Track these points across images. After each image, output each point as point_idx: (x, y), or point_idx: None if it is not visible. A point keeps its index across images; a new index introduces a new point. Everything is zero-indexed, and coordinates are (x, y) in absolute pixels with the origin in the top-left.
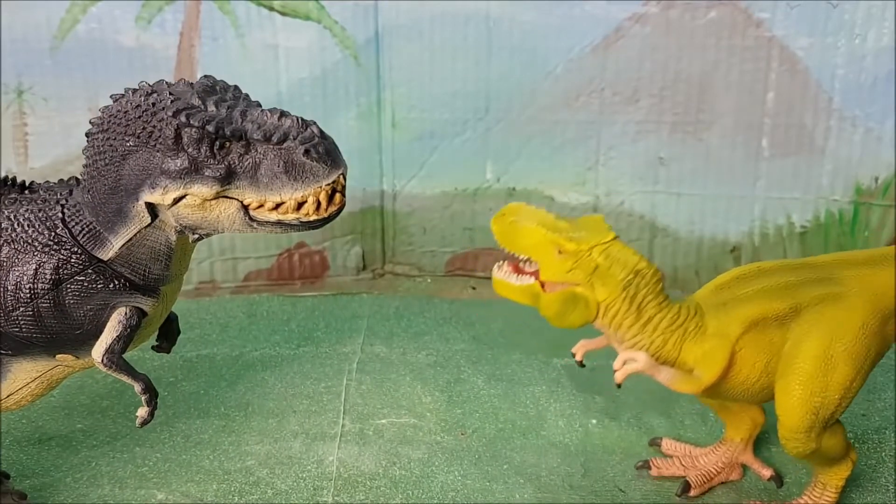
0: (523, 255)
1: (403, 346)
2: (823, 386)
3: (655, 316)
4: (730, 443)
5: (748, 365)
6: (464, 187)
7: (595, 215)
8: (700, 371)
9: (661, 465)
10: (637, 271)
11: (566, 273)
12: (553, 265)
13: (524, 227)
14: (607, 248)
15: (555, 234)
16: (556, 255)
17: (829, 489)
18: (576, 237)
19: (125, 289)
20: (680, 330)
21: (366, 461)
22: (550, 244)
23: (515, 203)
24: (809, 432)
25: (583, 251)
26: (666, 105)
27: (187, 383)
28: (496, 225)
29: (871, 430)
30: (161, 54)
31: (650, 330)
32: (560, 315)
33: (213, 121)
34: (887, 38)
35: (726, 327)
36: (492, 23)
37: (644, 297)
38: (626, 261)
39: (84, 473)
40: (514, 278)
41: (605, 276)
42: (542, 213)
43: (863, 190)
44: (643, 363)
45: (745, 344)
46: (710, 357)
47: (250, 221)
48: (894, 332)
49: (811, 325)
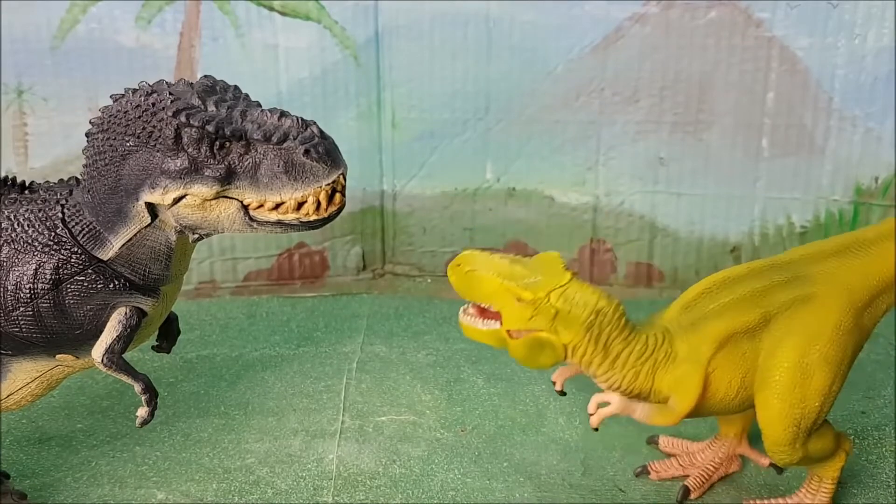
0: (485, 304)
1: (403, 345)
2: (802, 396)
3: (623, 351)
4: (724, 437)
5: (724, 384)
6: (464, 187)
7: (551, 253)
8: (674, 400)
9: (660, 468)
10: (598, 311)
11: (528, 321)
12: (514, 314)
13: (480, 276)
14: (564, 292)
15: (511, 282)
16: (515, 303)
17: (826, 481)
18: (531, 284)
19: (125, 289)
20: (650, 360)
21: (366, 459)
22: (508, 293)
23: (469, 251)
24: (794, 443)
25: (540, 298)
26: (666, 105)
27: (187, 383)
28: (453, 276)
29: (870, 427)
30: (161, 54)
31: (620, 365)
32: (529, 359)
33: (213, 121)
34: (887, 38)
35: (696, 350)
36: (492, 23)
37: (609, 335)
38: (585, 302)
39: (84, 473)
40: (480, 323)
41: (567, 320)
42: (496, 260)
43: (863, 190)
44: (616, 406)
45: (718, 364)
46: (684, 384)
47: (250, 221)
48: (871, 321)
49: (783, 333)
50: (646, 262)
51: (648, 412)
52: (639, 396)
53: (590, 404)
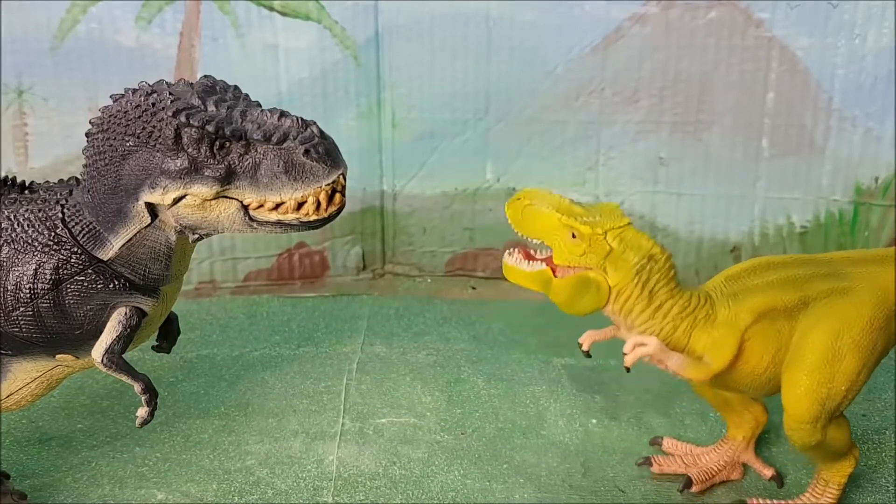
0: (537, 240)
1: (403, 346)
2: (830, 377)
3: (666, 302)
4: (732, 441)
5: (756, 355)
6: (464, 187)
7: (611, 202)
8: (709, 358)
9: (663, 462)
10: (650, 256)
11: (579, 256)
12: (566, 249)
13: (539, 211)
14: (621, 233)
15: (569, 217)
16: (569, 238)
17: (832, 486)
18: (590, 221)
19: (125, 289)
20: (690, 317)
21: (366, 460)
22: (564, 228)
23: (530, 188)
24: (815, 423)
25: (597, 235)
26: (666, 105)
27: (187, 383)
28: (510, 209)
29: (871, 431)
30: (161, 54)
31: (661, 316)
32: (571, 300)
33: (213, 121)
34: (887, 38)
35: (736, 317)
36: (492, 23)
37: (656, 283)
38: (639, 246)
39: (84, 473)
40: (526, 264)
41: (618, 261)
42: (556, 198)
43: (863, 190)
44: (654, 347)
45: (754, 334)
46: (720, 345)
47: (250, 221)
48: None
49: (819, 317)
50: None
51: (682, 363)
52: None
53: (626, 344)
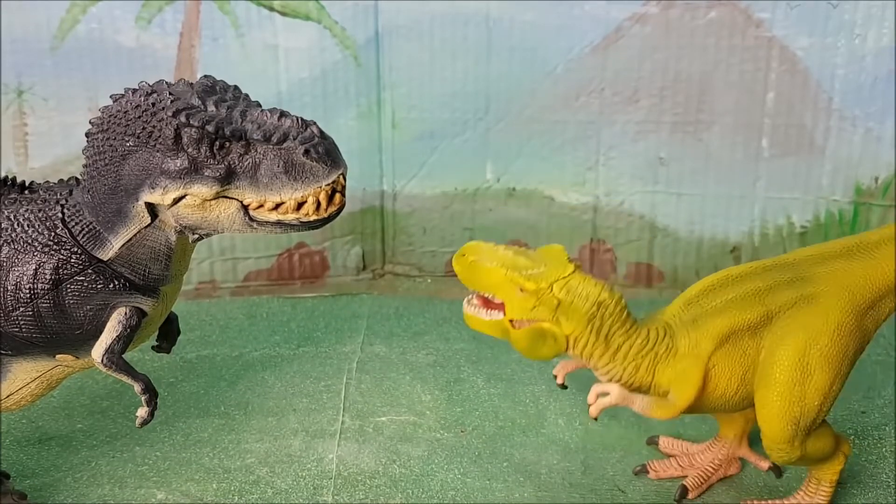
0: (488, 294)
1: (403, 345)
2: (801, 395)
3: (624, 344)
4: (724, 439)
5: (724, 379)
6: (464, 187)
7: (555, 245)
8: (674, 394)
9: (659, 467)
10: (599, 303)
11: (530, 311)
12: (517, 304)
13: (484, 266)
14: (567, 283)
15: (514, 272)
16: (518, 293)
17: (824, 484)
18: (535, 274)
19: (125, 289)
20: (651, 354)
21: (365, 459)
22: (511, 283)
23: (474, 242)
24: (792, 441)
25: (543, 289)
26: (666, 105)
27: (187, 383)
28: (457, 265)
29: (870, 427)
30: (161, 54)
31: (620, 358)
32: (531, 350)
33: (213, 121)
34: (887, 38)
35: (697, 345)
36: (492, 23)
37: (610, 328)
38: (587, 294)
39: (84, 473)
40: (484, 313)
41: (569, 311)
42: (500, 252)
43: (863, 190)
44: (616, 396)
45: (719, 360)
46: (683, 378)
47: (250, 221)
48: (873, 324)
49: (784, 331)
50: (646, 262)
51: (648, 404)
52: (639, 390)
53: (589, 395)
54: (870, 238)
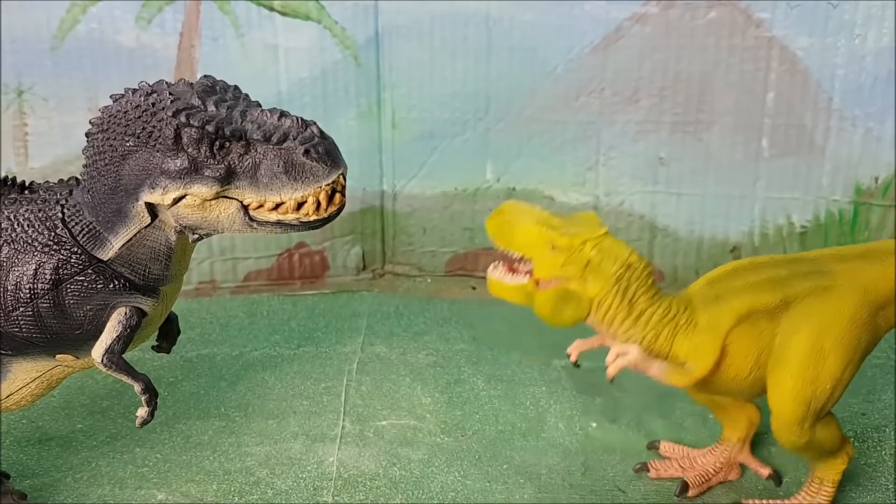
0: (517, 253)
1: (403, 346)
2: (814, 377)
3: (647, 310)
4: (727, 443)
5: (739, 358)
6: (464, 187)
7: (588, 211)
8: (691, 364)
9: (660, 466)
10: (628, 265)
11: (559, 268)
12: (546, 261)
13: (518, 224)
14: (599, 243)
15: (548, 230)
16: (549, 251)
17: (826, 484)
18: (568, 233)
19: (125, 289)
20: (671, 324)
21: (366, 462)
22: (544, 240)
23: (510, 201)
24: (802, 423)
25: (575, 246)
26: (666, 105)
27: (187, 383)
28: (490, 224)
29: (870, 429)
30: (161, 54)
31: (642, 324)
32: (554, 312)
33: (213, 121)
34: (887, 38)
35: (717, 320)
36: (492, 23)
37: (635, 291)
38: (617, 254)
39: (84, 473)
40: (509, 278)
41: (597, 271)
42: (535, 211)
43: (863, 190)
44: (635, 356)
45: (736, 337)
46: (701, 350)
47: (250, 221)
48: (885, 324)
49: (801, 317)
50: None
51: (664, 370)
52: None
53: (609, 355)
54: (888, 246)
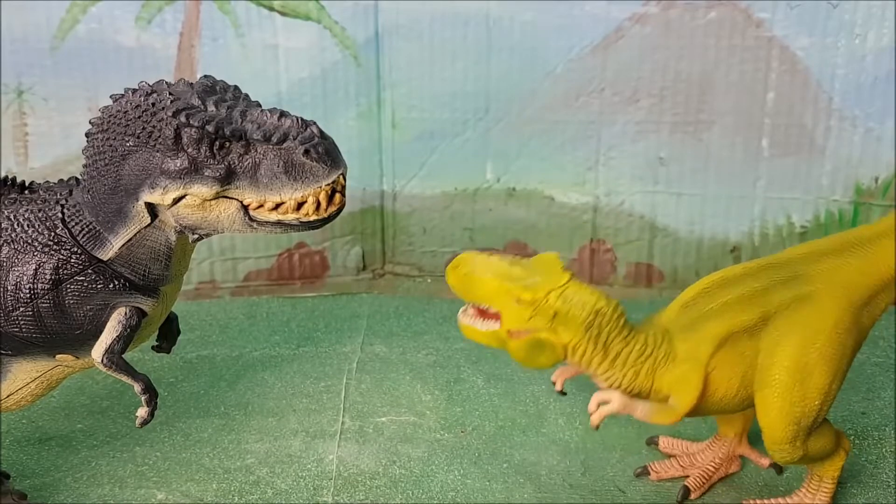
0: (484, 306)
1: (403, 345)
2: (802, 395)
3: (623, 351)
4: (724, 438)
5: (724, 382)
6: (464, 187)
7: (549, 254)
8: (675, 399)
9: (660, 468)
10: (596, 311)
11: (527, 321)
12: (513, 315)
13: (479, 278)
14: (563, 292)
15: (510, 283)
16: (514, 304)
17: (826, 480)
18: (530, 285)
19: (125, 289)
20: (650, 360)
21: (366, 459)
22: (507, 294)
23: (467, 253)
24: (794, 442)
25: (539, 299)
26: (666, 105)
27: (187, 383)
28: (451, 278)
29: (871, 428)
30: (161, 54)
31: (620, 365)
32: (529, 359)
33: (213, 121)
34: (887, 38)
35: (696, 349)
36: (492, 23)
37: (608, 335)
38: (583, 302)
39: (84, 473)
40: (480, 323)
41: (566, 320)
42: (494, 262)
43: (863, 190)
44: (617, 404)
45: (718, 363)
46: (684, 383)
47: (250, 221)
48: (869, 321)
49: (782, 332)
50: (646, 262)
51: (649, 411)
52: (639, 395)
53: (590, 403)
54: (862, 233)
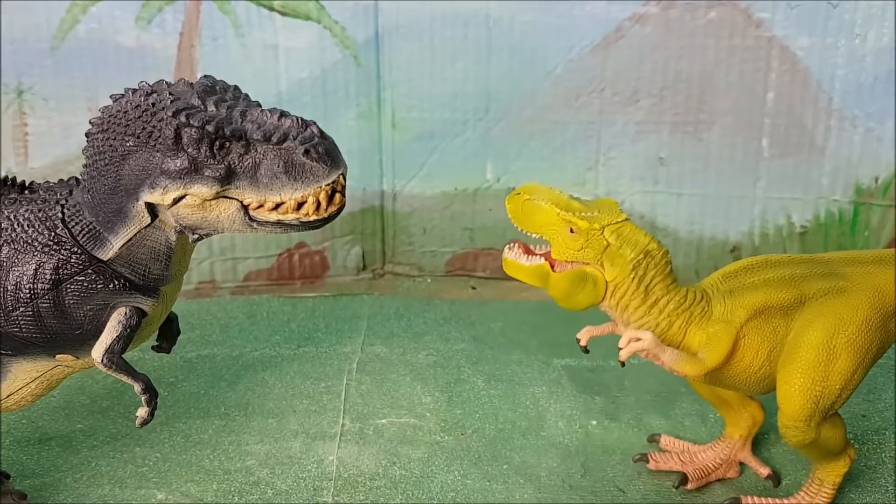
0: (535, 234)
1: (403, 346)
2: (824, 375)
3: (662, 298)
4: (729, 439)
5: (751, 352)
6: (464, 187)
7: (609, 198)
8: (703, 354)
9: (660, 458)
10: (647, 252)
11: (577, 251)
12: (564, 244)
13: (538, 205)
14: (619, 228)
15: (567, 213)
16: (567, 233)
17: (826, 485)
18: (588, 216)
19: (125, 289)
20: (686, 313)
21: (366, 461)
22: (563, 223)
23: (530, 183)
24: (809, 421)
25: (594, 230)
26: (666, 105)
27: (187, 383)
28: (510, 203)
29: (870, 431)
30: (161, 54)
31: (657, 312)
32: (568, 295)
33: (213, 121)
34: (887, 38)
35: (731, 313)
36: (492, 23)
37: (652, 279)
38: (636, 241)
39: (84, 473)
40: (525, 259)
41: (615, 256)
42: (555, 193)
43: (863, 190)
44: (648, 342)
45: (750, 331)
46: (714, 341)
47: (250, 221)
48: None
49: (815, 316)
50: None
51: (676, 357)
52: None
53: (622, 339)
54: None
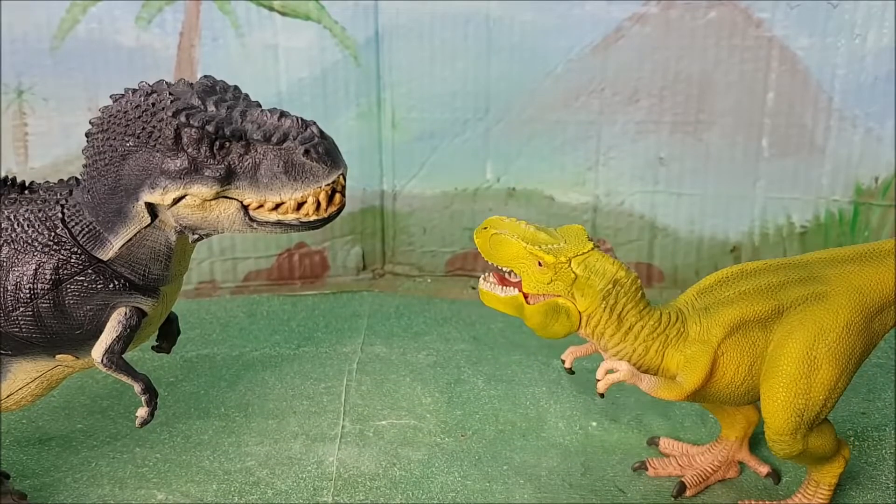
0: (506, 267)
1: (403, 346)
2: (807, 387)
3: (636, 324)
4: (725, 441)
5: (732, 368)
6: (464, 187)
7: (575, 225)
8: (682, 377)
9: (658, 465)
10: (615, 281)
11: (546, 285)
12: (534, 278)
13: (505, 239)
14: (585, 259)
15: (534, 246)
16: (536, 267)
17: (823, 487)
18: (554, 249)
19: (125, 289)
20: (661, 337)
21: (366, 462)
22: (530, 257)
23: (495, 216)
24: (795, 434)
25: (561, 263)
26: (666, 105)
27: (187, 383)
28: (479, 238)
29: (870, 428)
30: (161, 54)
31: (632, 338)
32: (543, 326)
33: (213, 121)
34: (887, 38)
35: (707, 332)
36: (492, 23)
37: (624, 307)
38: (604, 271)
39: (84, 473)
40: (499, 290)
41: (584, 287)
42: (521, 226)
43: (863, 190)
44: (625, 372)
45: (728, 348)
46: (692, 363)
47: (250, 222)
48: (881, 329)
49: (794, 326)
50: (646, 262)
51: (655, 384)
52: (646, 373)
53: (598, 370)
54: (883, 247)
